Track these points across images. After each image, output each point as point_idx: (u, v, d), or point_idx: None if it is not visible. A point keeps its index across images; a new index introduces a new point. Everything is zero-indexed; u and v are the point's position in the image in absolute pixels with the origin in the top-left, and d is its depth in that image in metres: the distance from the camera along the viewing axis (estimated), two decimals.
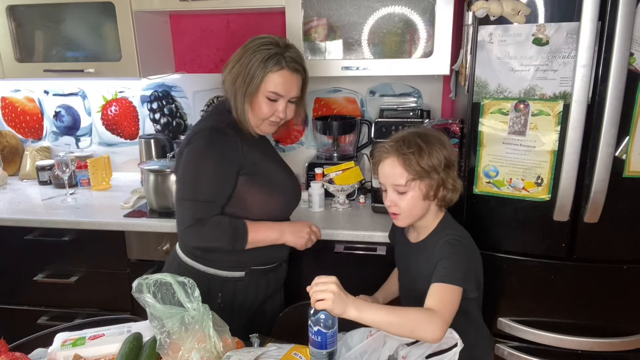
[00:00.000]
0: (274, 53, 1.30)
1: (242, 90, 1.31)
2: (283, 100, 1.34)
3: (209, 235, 1.32)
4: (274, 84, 1.31)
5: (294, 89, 1.35)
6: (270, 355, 1.00)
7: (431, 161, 1.19)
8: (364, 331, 1.11)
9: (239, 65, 1.32)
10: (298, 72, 1.34)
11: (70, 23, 2.03)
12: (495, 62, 1.42)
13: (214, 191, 1.32)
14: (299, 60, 1.35)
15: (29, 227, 1.95)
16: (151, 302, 0.96)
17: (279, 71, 1.30)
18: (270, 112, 1.34)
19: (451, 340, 1.04)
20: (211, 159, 1.31)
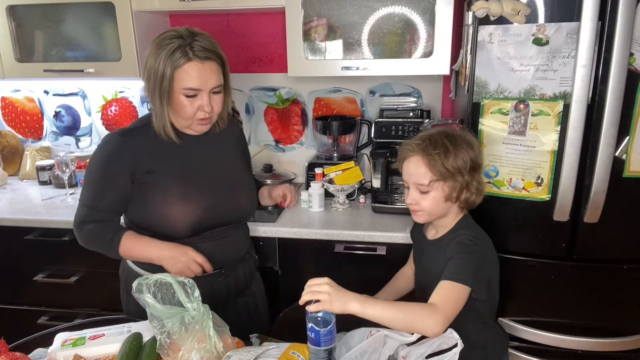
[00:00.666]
0: (178, 45, 1.20)
1: (157, 93, 1.24)
2: (203, 93, 1.25)
3: (86, 239, 1.35)
4: (187, 78, 1.21)
5: (212, 78, 1.24)
6: (269, 355, 1.01)
7: (456, 163, 1.18)
8: (364, 331, 1.11)
9: (148, 69, 1.24)
10: (210, 60, 1.23)
11: (70, 23, 2.03)
12: (495, 62, 1.42)
13: (94, 196, 1.32)
14: (209, 46, 1.24)
15: (29, 227, 1.95)
16: (151, 302, 0.96)
17: (188, 63, 1.21)
18: (193, 110, 1.26)
19: (451, 340, 1.04)
20: (97, 165, 1.31)
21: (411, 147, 1.23)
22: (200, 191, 1.34)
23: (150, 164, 1.30)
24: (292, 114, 2.34)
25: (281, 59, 2.26)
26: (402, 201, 1.93)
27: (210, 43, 1.25)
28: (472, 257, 1.17)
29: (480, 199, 1.25)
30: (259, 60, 2.29)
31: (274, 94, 2.32)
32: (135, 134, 1.32)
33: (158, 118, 1.28)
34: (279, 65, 2.27)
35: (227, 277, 1.42)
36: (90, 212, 1.32)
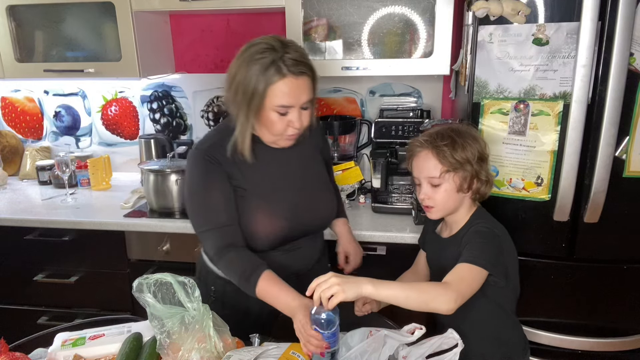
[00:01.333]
0: (272, 60, 1.13)
1: (244, 108, 1.18)
2: (294, 109, 1.19)
3: (225, 270, 1.28)
4: (280, 95, 1.15)
5: (304, 93, 1.18)
6: (269, 355, 1.01)
7: (465, 154, 1.19)
8: (364, 331, 1.11)
9: (236, 82, 1.18)
10: (304, 75, 1.17)
11: (70, 23, 2.03)
12: (495, 62, 1.42)
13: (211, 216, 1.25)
14: (302, 59, 1.17)
15: (29, 227, 1.95)
16: (151, 302, 0.96)
17: (282, 80, 1.14)
18: (283, 127, 1.20)
19: (452, 341, 1.04)
20: (197, 184, 1.26)
21: (419, 143, 1.24)
22: (282, 207, 1.30)
23: (235, 179, 1.27)
24: None
25: None
26: (402, 201, 1.93)
27: (301, 54, 1.18)
28: (489, 242, 1.18)
29: (490, 190, 1.26)
30: None
31: None
32: (219, 148, 1.26)
33: (239, 133, 1.22)
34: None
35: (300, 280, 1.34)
36: (217, 235, 1.25)
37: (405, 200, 1.93)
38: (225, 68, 2.44)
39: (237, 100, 1.19)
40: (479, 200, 1.28)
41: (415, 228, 1.77)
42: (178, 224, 1.85)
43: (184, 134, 2.45)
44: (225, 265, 1.26)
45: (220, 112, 2.38)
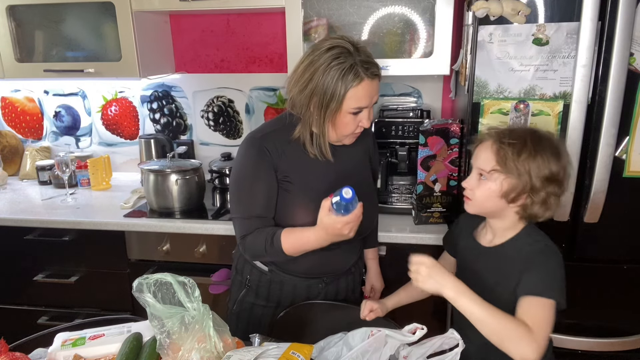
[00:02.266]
0: (350, 65, 1.17)
1: (321, 113, 1.21)
2: (367, 109, 1.24)
3: (249, 252, 1.33)
4: (357, 98, 1.19)
5: (375, 94, 1.24)
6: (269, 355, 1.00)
7: (528, 164, 1.05)
8: (365, 331, 1.11)
9: (311, 86, 1.20)
10: (376, 76, 1.22)
11: (70, 23, 2.03)
12: (495, 62, 1.42)
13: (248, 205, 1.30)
14: (372, 59, 1.21)
15: (29, 227, 1.95)
16: (151, 302, 0.96)
17: (360, 84, 1.18)
18: (355, 126, 1.25)
19: (452, 341, 1.04)
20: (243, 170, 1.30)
21: (488, 132, 1.15)
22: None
23: (286, 170, 1.29)
24: None
25: (281, 59, 2.26)
26: (402, 201, 1.93)
27: (370, 54, 1.22)
28: (556, 268, 1.08)
29: (548, 215, 1.10)
30: (259, 60, 2.29)
31: (274, 94, 2.32)
32: (275, 138, 1.29)
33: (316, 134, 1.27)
34: (279, 65, 2.27)
35: (327, 286, 1.42)
36: (249, 223, 1.30)
37: (405, 200, 1.93)
38: (225, 68, 2.45)
39: (311, 104, 1.22)
40: (526, 219, 1.14)
41: (415, 228, 1.77)
42: (178, 224, 1.85)
43: (184, 134, 2.45)
44: (249, 247, 1.31)
45: (220, 112, 2.38)
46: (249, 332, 1.34)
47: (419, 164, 1.74)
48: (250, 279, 1.42)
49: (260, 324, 1.41)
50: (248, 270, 1.42)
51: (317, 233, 1.22)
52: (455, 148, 1.70)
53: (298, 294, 1.39)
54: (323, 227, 1.19)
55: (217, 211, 1.97)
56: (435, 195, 1.76)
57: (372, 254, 1.64)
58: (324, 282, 1.41)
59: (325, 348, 1.12)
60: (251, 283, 1.42)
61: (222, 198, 2.15)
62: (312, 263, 1.34)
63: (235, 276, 1.48)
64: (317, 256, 1.31)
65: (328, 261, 1.37)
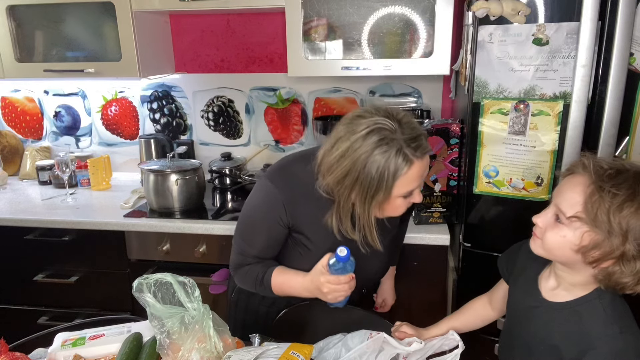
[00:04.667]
0: (396, 150, 1.01)
1: (365, 203, 1.08)
2: (418, 188, 1.12)
3: (240, 283, 1.33)
4: (408, 182, 1.05)
5: (427, 169, 1.10)
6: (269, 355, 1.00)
7: (628, 223, 0.81)
8: (364, 333, 1.11)
9: (352, 177, 1.05)
10: (426, 153, 1.07)
11: (70, 23, 2.03)
12: (495, 62, 1.42)
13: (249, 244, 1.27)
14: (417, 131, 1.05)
15: (29, 227, 1.95)
16: (151, 302, 0.96)
17: (411, 168, 1.03)
18: (406, 206, 1.13)
19: (452, 342, 1.04)
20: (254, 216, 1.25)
21: (587, 162, 0.88)
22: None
23: (304, 230, 1.22)
24: (292, 114, 2.34)
25: (281, 59, 2.26)
26: None
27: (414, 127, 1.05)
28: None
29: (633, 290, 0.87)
30: (259, 60, 2.29)
31: (274, 94, 2.32)
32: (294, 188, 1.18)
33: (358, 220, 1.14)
34: (279, 65, 2.27)
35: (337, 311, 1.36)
36: (244, 259, 1.28)
37: None
38: (225, 68, 2.45)
39: (353, 194, 1.09)
40: (603, 286, 0.90)
41: (415, 228, 1.77)
42: (178, 224, 1.85)
43: (184, 134, 2.45)
44: (241, 278, 1.30)
45: (220, 112, 2.38)
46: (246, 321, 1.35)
47: None
48: None
49: (257, 313, 1.41)
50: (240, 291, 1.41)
51: (304, 282, 1.19)
52: (455, 148, 1.70)
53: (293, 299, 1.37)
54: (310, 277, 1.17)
55: (217, 211, 1.97)
56: (435, 195, 1.76)
57: (390, 271, 1.62)
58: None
59: (324, 349, 1.12)
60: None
61: (222, 198, 2.15)
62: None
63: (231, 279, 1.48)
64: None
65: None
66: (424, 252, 1.74)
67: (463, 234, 1.62)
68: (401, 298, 1.80)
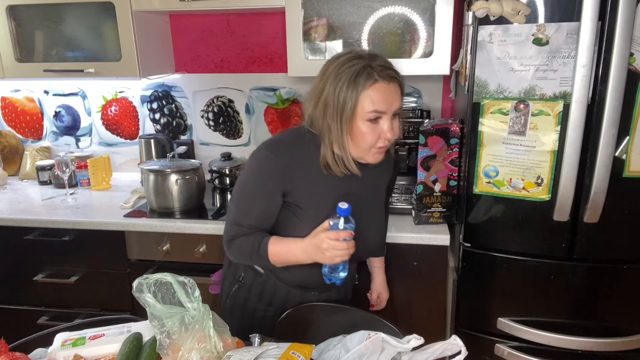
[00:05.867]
0: (362, 67, 1.12)
1: (337, 121, 1.15)
2: (386, 117, 1.16)
3: (236, 255, 1.32)
4: (371, 101, 1.13)
5: (396, 100, 1.16)
6: (269, 355, 1.00)
7: None
8: (363, 333, 1.11)
9: (324, 96, 1.16)
10: (394, 80, 1.15)
11: (70, 23, 2.03)
12: (495, 62, 1.42)
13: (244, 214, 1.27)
14: (390, 66, 1.16)
15: (29, 227, 1.95)
16: (151, 302, 0.96)
17: (374, 85, 1.12)
18: (374, 137, 1.17)
19: (455, 347, 1.03)
20: (249, 183, 1.27)
21: None
22: None
23: (297, 196, 1.24)
24: (292, 114, 2.34)
25: (281, 59, 2.26)
26: (402, 201, 1.93)
27: (389, 62, 1.17)
28: None
29: None
30: (259, 60, 2.29)
31: (274, 94, 2.32)
32: (289, 154, 1.23)
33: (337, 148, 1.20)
34: (279, 65, 2.27)
35: (319, 294, 1.41)
36: (239, 230, 1.28)
37: (405, 200, 1.93)
38: (225, 68, 2.45)
39: (327, 115, 1.17)
40: None
41: (415, 228, 1.77)
42: (178, 224, 1.85)
43: (184, 134, 2.45)
44: (236, 250, 1.29)
45: (220, 112, 2.38)
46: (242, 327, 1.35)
47: (419, 164, 1.74)
48: (244, 276, 1.41)
49: (253, 317, 1.41)
50: (242, 267, 1.41)
51: (302, 244, 1.20)
52: (455, 148, 1.70)
53: (290, 299, 1.38)
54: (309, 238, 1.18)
55: (217, 211, 1.97)
56: (435, 195, 1.76)
57: (378, 262, 1.63)
58: (316, 292, 1.40)
59: (324, 350, 1.12)
60: (245, 280, 1.41)
61: (222, 198, 2.15)
62: (306, 275, 1.32)
63: (228, 269, 1.46)
64: (310, 271, 1.30)
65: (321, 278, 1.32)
66: (424, 252, 1.74)
67: (463, 234, 1.62)
68: (401, 298, 1.80)
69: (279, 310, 1.38)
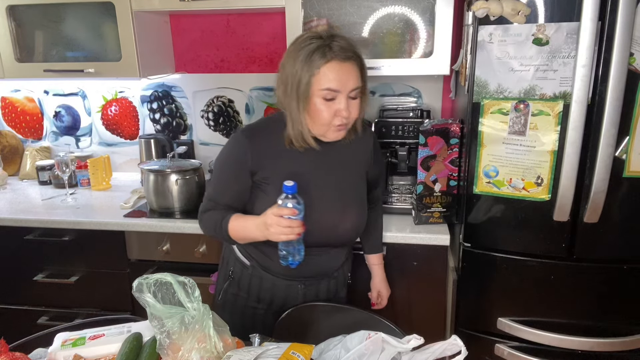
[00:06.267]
0: (317, 46, 1.15)
1: (295, 97, 1.19)
2: (341, 95, 1.18)
3: (204, 228, 1.37)
4: (325, 79, 1.15)
5: (350, 79, 1.17)
6: (269, 355, 1.00)
7: None
8: (363, 333, 1.11)
9: (285, 75, 1.20)
10: (350, 59, 1.16)
11: (70, 23, 2.03)
12: (495, 62, 1.42)
13: (216, 192, 1.35)
14: (348, 46, 1.17)
15: (29, 227, 1.95)
16: (151, 302, 0.96)
17: (327, 63, 1.14)
18: (330, 115, 1.19)
19: (455, 347, 1.03)
20: (222, 162, 1.34)
21: None
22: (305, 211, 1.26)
23: (266, 174, 1.28)
24: None
25: (281, 59, 2.25)
26: (402, 201, 1.93)
27: (349, 43, 1.18)
28: None
29: None
30: (259, 60, 2.29)
31: (274, 94, 2.31)
32: (261, 137, 1.29)
33: (295, 124, 1.23)
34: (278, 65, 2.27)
35: (306, 287, 1.40)
36: (212, 205, 1.35)
37: (405, 200, 1.93)
38: (225, 68, 2.45)
39: (286, 91, 1.21)
40: None
41: (415, 228, 1.77)
42: (178, 224, 1.85)
43: (184, 134, 2.45)
44: (204, 223, 1.36)
45: (220, 112, 2.38)
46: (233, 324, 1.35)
47: (419, 164, 1.74)
48: (233, 270, 1.43)
49: (243, 315, 1.42)
50: (232, 261, 1.44)
51: (256, 220, 1.22)
52: (455, 148, 1.70)
53: (277, 292, 1.39)
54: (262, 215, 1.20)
55: None
56: (435, 195, 1.76)
57: (376, 259, 1.61)
58: (303, 284, 1.40)
59: (325, 350, 1.12)
60: (234, 275, 1.43)
61: None
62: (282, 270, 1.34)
63: (222, 267, 1.49)
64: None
65: (307, 266, 1.33)
66: (424, 252, 1.74)
67: (463, 234, 1.62)
68: (401, 298, 1.80)
69: (269, 306, 1.40)
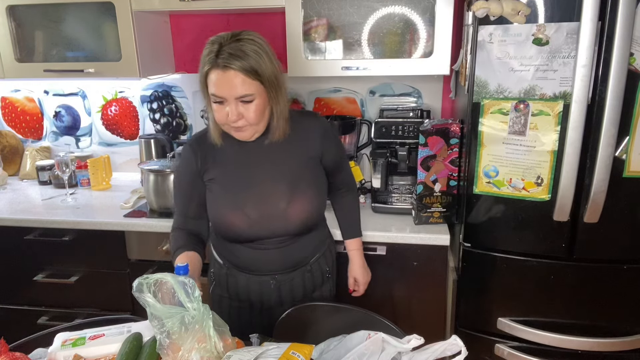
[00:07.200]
0: (209, 51, 1.17)
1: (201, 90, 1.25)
2: (229, 102, 1.18)
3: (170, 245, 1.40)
4: (211, 84, 1.18)
5: (234, 88, 1.16)
6: (269, 355, 1.00)
7: None
8: (363, 333, 1.11)
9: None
10: (229, 68, 1.14)
11: (70, 23, 2.03)
12: (495, 62, 1.42)
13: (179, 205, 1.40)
14: (236, 53, 1.14)
15: (29, 227, 1.95)
16: (151, 302, 0.96)
17: (211, 70, 1.17)
18: (222, 117, 1.21)
19: (455, 347, 1.03)
20: (176, 175, 1.41)
21: None
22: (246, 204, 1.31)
23: (213, 174, 1.33)
24: None
25: (281, 59, 2.24)
26: (402, 201, 1.93)
27: (240, 49, 1.15)
28: None
29: None
30: None
31: None
32: (201, 142, 1.34)
33: (210, 120, 1.29)
34: None
35: (279, 283, 1.40)
36: (180, 219, 1.39)
37: (405, 200, 1.93)
38: None
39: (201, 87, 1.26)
40: None
41: (415, 228, 1.77)
42: None
43: (184, 134, 2.45)
44: (171, 241, 1.39)
45: None
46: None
47: (419, 164, 1.74)
48: (213, 271, 1.48)
49: (229, 316, 1.43)
50: (212, 262, 1.49)
51: None
52: (455, 148, 1.70)
53: (252, 289, 1.41)
54: None
55: None
56: (435, 195, 1.76)
57: (354, 244, 1.57)
58: (274, 279, 1.39)
59: (325, 350, 1.12)
60: (215, 275, 1.47)
61: None
62: (249, 260, 1.38)
63: (208, 270, 1.53)
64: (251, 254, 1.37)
65: (268, 259, 1.37)
66: (424, 252, 1.74)
67: (463, 234, 1.62)
68: (401, 298, 1.80)
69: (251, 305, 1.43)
